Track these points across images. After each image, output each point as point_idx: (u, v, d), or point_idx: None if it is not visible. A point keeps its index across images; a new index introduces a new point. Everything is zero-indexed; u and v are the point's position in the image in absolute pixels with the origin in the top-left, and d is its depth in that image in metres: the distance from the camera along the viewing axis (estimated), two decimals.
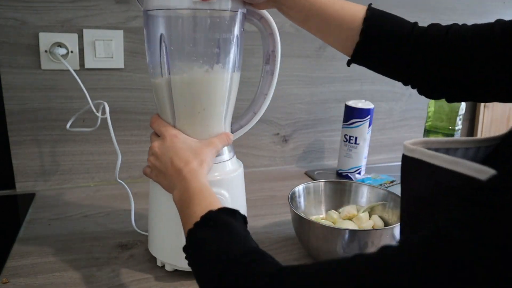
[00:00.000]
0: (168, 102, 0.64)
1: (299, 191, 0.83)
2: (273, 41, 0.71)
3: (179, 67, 0.63)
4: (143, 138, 1.03)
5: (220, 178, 0.67)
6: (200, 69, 0.63)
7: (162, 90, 0.64)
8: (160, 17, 0.62)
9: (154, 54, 0.63)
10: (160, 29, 0.62)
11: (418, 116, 1.34)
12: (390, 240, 0.71)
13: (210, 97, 0.65)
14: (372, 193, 0.85)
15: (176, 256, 0.67)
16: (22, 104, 0.93)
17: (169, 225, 0.67)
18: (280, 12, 0.65)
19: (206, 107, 0.65)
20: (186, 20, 0.61)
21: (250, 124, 0.76)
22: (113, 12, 0.94)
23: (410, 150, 0.42)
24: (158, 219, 0.70)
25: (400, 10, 1.23)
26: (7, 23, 0.88)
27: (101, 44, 0.94)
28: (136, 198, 0.82)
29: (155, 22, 0.62)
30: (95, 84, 0.96)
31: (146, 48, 0.66)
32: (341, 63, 1.23)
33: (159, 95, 0.65)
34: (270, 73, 0.74)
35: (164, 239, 0.69)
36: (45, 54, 0.91)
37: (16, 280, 0.66)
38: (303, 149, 1.23)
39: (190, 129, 0.65)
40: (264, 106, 0.75)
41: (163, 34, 0.61)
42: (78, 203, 0.92)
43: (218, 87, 0.65)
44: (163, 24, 0.62)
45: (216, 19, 0.62)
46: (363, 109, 1.08)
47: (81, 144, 0.99)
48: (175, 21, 0.61)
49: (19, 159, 0.96)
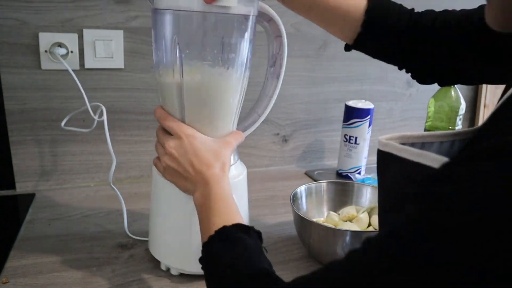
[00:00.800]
0: (177, 102, 0.63)
1: (301, 192, 0.83)
2: (280, 44, 0.71)
3: (192, 69, 0.62)
4: (143, 138, 1.03)
5: None
6: (213, 70, 0.62)
7: (171, 90, 0.62)
8: (172, 17, 0.60)
9: (164, 54, 0.62)
10: (172, 29, 0.60)
11: (418, 116, 1.34)
12: None
13: (223, 99, 0.64)
14: (374, 194, 0.85)
15: (182, 260, 0.67)
16: (22, 104, 0.93)
17: (174, 230, 0.67)
18: (282, 3, 0.65)
19: (217, 109, 0.64)
20: (200, 22, 0.60)
21: (255, 125, 0.75)
22: (113, 12, 0.94)
23: (383, 144, 0.43)
24: (161, 222, 0.69)
25: None
26: (7, 23, 0.88)
27: (101, 44, 0.94)
28: (137, 199, 0.82)
29: (166, 22, 0.61)
30: (95, 84, 0.96)
31: (154, 48, 0.64)
32: (341, 63, 1.24)
33: (168, 95, 0.64)
34: (275, 75, 0.73)
35: (168, 243, 0.69)
36: (45, 54, 0.91)
37: (16, 280, 0.66)
38: (303, 149, 1.23)
39: (199, 129, 0.63)
40: (268, 108, 0.75)
41: (176, 35, 0.60)
42: (78, 203, 0.92)
43: (231, 89, 0.64)
44: (175, 24, 0.60)
45: (231, 22, 0.61)
46: (363, 109, 1.08)
47: (81, 144, 0.99)
48: (188, 22, 0.60)
49: (19, 159, 0.96)
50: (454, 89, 1.05)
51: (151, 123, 1.03)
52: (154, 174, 0.69)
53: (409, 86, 1.31)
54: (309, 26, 1.11)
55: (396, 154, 0.40)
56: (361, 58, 1.27)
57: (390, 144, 0.42)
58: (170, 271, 0.70)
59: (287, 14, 0.71)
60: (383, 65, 0.71)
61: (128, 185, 1.02)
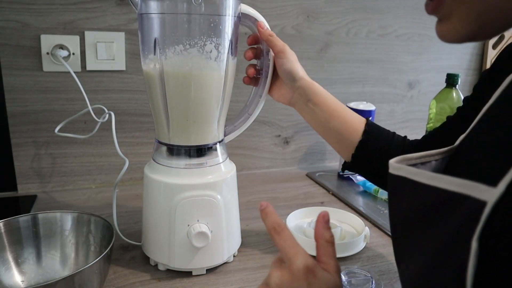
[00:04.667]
0: (160, 94, 0.66)
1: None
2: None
3: (174, 64, 0.63)
4: (145, 140, 1.03)
5: (214, 181, 0.68)
6: (194, 65, 0.63)
7: (155, 82, 0.65)
8: (151, 18, 0.63)
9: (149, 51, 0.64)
10: (154, 29, 0.63)
11: (419, 117, 1.34)
12: None
13: (204, 95, 0.66)
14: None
15: (168, 256, 0.68)
16: (24, 106, 0.93)
17: (161, 225, 0.68)
18: (300, 112, 0.74)
19: (198, 102, 0.66)
20: (180, 21, 0.62)
21: (245, 125, 0.77)
22: (114, 14, 0.94)
23: (396, 168, 0.41)
24: (149, 218, 0.70)
25: (400, 11, 1.24)
26: (9, 25, 0.88)
27: (103, 46, 0.94)
28: (139, 200, 0.82)
29: (146, 23, 0.64)
30: (96, 86, 0.97)
31: (140, 49, 0.67)
32: (343, 65, 1.24)
33: (152, 85, 0.66)
34: (264, 75, 0.75)
35: (154, 238, 0.70)
36: (46, 56, 0.91)
37: None
38: (305, 151, 1.23)
39: (184, 127, 0.66)
40: (258, 107, 0.77)
41: (157, 35, 0.62)
42: (79, 205, 0.93)
43: (212, 84, 0.66)
44: (157, 25, 0.63)
45: (211, 21, 0.63)
46: (365, 111, 1.08)
47: (82, 146, 0.99)
48: (168, 22, 0.63)
49: (21, 161, 0.96)
50: (455, 91, 1.05)
51: (152, 125, 1.03)
52: (145, 173, 0.70)
53: (410, 88, 1.31)
54: (310, 28, 1.12)
55: (410, 178, 0.39)
56: (362, 60, 1.28)
57: (403, 167, 0.40)
58: (158, 267, 0.71)
59: (287, 16, 0.71)
60: (384, 66, 0.71)
61: (130, 186, 1.02)
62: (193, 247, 0.66)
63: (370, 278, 0.67)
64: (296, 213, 0.85)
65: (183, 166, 0.68)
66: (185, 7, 0.60)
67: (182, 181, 0.66)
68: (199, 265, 0.68)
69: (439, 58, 1.33)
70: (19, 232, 0.64)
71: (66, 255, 0.67)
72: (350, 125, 0.71)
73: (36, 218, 0.66)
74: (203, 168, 0.69)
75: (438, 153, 0.44)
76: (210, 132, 0.69)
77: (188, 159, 0.69)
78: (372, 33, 1.20)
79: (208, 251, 0.68)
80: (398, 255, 0.43)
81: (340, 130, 0.71)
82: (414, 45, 1.27)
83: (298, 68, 0.72)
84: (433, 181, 0.36)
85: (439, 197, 0.35)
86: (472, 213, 0.30)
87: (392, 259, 0.75)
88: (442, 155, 0.45)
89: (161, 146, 0.71)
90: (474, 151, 0.41)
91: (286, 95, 0.75)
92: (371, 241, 0.81)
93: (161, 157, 0.70)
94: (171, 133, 0.68)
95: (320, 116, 0.72)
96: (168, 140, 0.69)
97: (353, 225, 0.85)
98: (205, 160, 0.69)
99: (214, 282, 0.68)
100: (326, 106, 0.72)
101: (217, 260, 0.70)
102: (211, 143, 0.70)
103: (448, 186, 0.34)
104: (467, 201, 0.31)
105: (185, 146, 0.69)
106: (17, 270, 0.63)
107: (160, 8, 0.62)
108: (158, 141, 0.71)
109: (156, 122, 0.69)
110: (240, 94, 0.68)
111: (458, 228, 0.31)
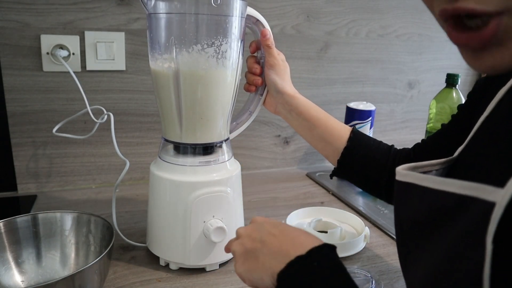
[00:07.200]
0: (174, 93, 0.66)
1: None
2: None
3: (192, 63, 0.64)
4: (145, 140, 1.03)
5: (225, 177, 0.69)
6: (211, 64, 0.65)
7: (167, 81, 0.65)
8: (166, 18, 0.64)
9: (160, 48, 0.65)
10: (166, 29, 0.64)
11: (419, 117, 1.34)
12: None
13: (219, 93, 0.67)
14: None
15: (182, 254, 0.68)
16: (23, 106, 0.93)
17: (174, 223, 0.68)
18: (286, 120, 0.77)
19: (211, 101, 0.66)
20: (192, 21, 0.63)
21: (247, 123, 0.79)
22: (114, 14, 0.94)
23: (403, 175, 0.42)
24: (159, 217, 0.70)
25: (400, 11, 1.24)
26: (9, 25, 0.88)
27: (103, 46, 0.94)
28: (138, 200, 0.82)
29: (161, 23, 0.64)
30: (96, 86, 0.97)
31: (149, 48, 0.67)
32: (343, 65, 1.24)
33: (165, 85, 0.66)
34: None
35: (166, 238, 0.69)
36: (46, 56, 0.91)
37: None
38: (305, 151, 1.23)
39: (193, 123, 0.67)
40: (259, 105, 0.78)
41: (175, 35, 0.63)
42: (79, 205, 0.92)
43: (225, 83, 0.67)
44: (175, 24, 0.64)
45: (227, 22, 0.65)
46: (365, 111, 1.08)
47: (82, 146, 0.99)
48: (181, 22, 0.63)
49: (21, 161, 0.96)
50: (455, 91, 1.05)
51: (152, 125, 1.03)
52: (152, 171, 0.70)
53: (410, 88, 1.31)
54: (310, 28, 1.12)
55: (418, 183, 0.39)
56: (362, 60, 1.28)
57: (410, 174, 0.41)
58: (170, 266, 0.70)
59: (287, 16, 0.71)
60: (384, 66, 0.71)
61: (130, 186, 1.02)
62: (208, 243, 0.67)
63: (370, 278, 0.67)
64: (296, 213, 0.85)
65: (197, 164, 0.69)
66: (206, 8, 0.62)
67: (197, 178, 0.67)
68: (214, 261, 0.69)
69: (439, 58, 1.33)
70: (19, 232, 0.64)
71: (66, 255, 0.67)
72: (334, 132, 0.73)
73: (36, 218, 0.66)
74: (211, 166, 0.69)
75: (438, 163, 0.45)
76: (219, 130, 0.70)
77: (198, 156, 0.69)
78: (372, 33, 1.20)
79: (222, 246, 0.68)
80: (405, 260, 0.43)
81: (324, 137, 0.74)
82: (414, 45, 1.28)
83: (283, 81, 0.75)
84: (441, 186, 0.36)
85: (448, 200, 0.35)
86: (481, 214, 0.30)
87: (392, 259, 0.75)
88: (443, 165, 0.45)
89: (168, 144, 0.71)
90: (474, 161, 0.42)
91: (271, 104, 0.78)
92: (371, 241, 0.81)
93: (168, 155, 0.71)
94: (183, 132, 0.68)
95: (303, 124, 0.75)
96: (180, 139, 0.69)
97: (353, 225, 0.85)
98: (212, 158, 0.70)
99: (214, 282, 0.68)
100: (309, 115, 0.74)
101: (230, 254, 0.70)
102: (218, 141, 0.71)
103: (456, 190, 0.34)
104: (476, 203, 0.31)
105: (197, 144, 0.69)
106: (17, 270, 0.63)
107: (179, 8, 0.62)
108: (165, 139, 0.71)
109: (166, 121, 0.69)
110: (240, 94, 0.69)
111: (468, 230, 0.31)
